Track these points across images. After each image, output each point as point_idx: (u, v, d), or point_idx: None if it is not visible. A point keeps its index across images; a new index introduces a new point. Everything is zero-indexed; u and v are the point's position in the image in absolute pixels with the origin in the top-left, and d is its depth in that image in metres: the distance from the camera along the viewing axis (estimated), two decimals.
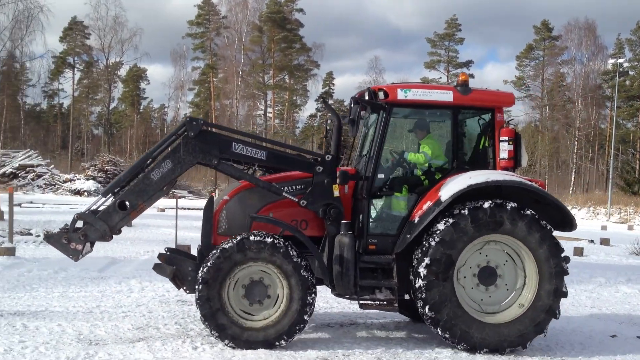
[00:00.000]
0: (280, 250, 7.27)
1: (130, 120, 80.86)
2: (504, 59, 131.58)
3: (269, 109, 74.49)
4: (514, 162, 8.05)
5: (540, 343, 8.05)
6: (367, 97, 8.10)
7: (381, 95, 7.98)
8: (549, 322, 7.58)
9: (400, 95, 7.95)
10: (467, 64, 77.40)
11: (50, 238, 7.95)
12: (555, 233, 7.64)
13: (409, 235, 7.61)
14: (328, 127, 8.35)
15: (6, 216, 18.90)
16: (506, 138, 8.02)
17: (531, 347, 7.77)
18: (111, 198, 7.91)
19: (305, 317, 7.34)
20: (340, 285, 7.61)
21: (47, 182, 47.06)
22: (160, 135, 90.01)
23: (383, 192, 8.11)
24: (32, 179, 47.07)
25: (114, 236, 7.91)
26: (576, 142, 66.07)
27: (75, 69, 78.34)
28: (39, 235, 17.23)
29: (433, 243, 7.36)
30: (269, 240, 7.30)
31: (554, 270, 7.49)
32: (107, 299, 10.02)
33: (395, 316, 9.53)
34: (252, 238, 7.30)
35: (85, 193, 45.43)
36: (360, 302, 7.78)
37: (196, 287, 7.29)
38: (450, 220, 7.38)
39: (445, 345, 7.68)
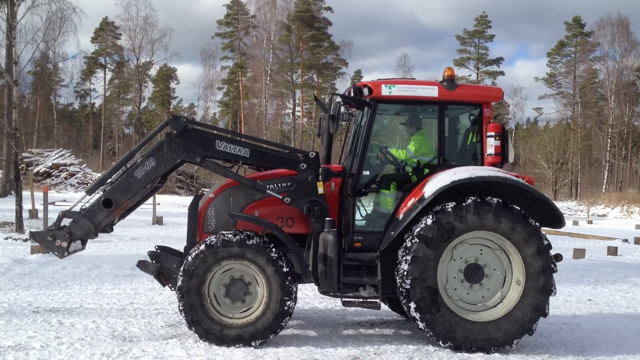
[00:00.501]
0: (260, 249, 7.27)
1: (160, 120, 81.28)
2: (534, 55, 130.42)
3: (297, 108, 74.53)
4: (501, 157, 7.92)
5: (575, 343, 7.95)
6: (352, 94, 8.08)
7: (366, 91, 7.94)
8: (536, 321, 7.41)
9: (385, 91, 7.87)
10: (497, 61, 76.59)
11: (36, 235, 8.11)
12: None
13: (392, 233, 7.56)
14: (320, 125, 8.28)
15: (41, 214, 19.25)
16: (493, 133, 7.87)
17: (564, 347, 7.68)
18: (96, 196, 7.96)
19: (281, 321, 7.28)
20: (324, 283, 7.57)
21: (80, 181, 47.67)
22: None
23: (368, 189, 8.07)
24: (65, 178, 47.73)
25: (105, 234, 8.03)
26: (609, 140, 64.92)
27: (107, 69, 79.38)
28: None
29: (415, 241, 7.29)
30: (250, 238, 7.31)
31: (541, 267, 7.32)
32: (140, 296, 10.14)
33: None
34: (235, 236, 7.31)
35: None
36: (343, 299, 7.69)
37: (178, 278, 7.33)
38: (433, 218, 7.29)
39: None
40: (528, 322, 7.35)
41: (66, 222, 7.89)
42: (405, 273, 7.27)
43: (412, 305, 7.26)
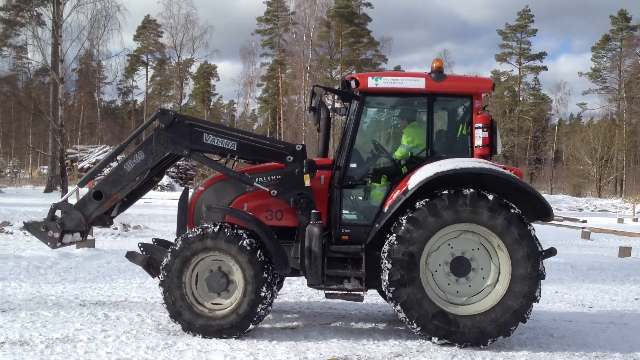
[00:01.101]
0: (232, 240, 7.28)
1: (201, 117, 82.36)
2: (578, 50, 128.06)
3: (337, 104, 74.52)
4: (490, 149, 7.77)
5: (622, 343, 7.77)
6: (340, 87, 8.05)
7: (353, 84, 7.91)
8: (528, 308, 7.21)
9: (371, 83, 7.82)
10: (540, 56, 75.39)
11: (29, 226, 8.29)
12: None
13: (377, 225, 7.52)
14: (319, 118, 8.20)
15: None
16: (480, 125, 7.72)
17: (612, 347, 7.51)
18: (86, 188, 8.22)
19: (258, 309, 7.26)
20: (310, 275, 7.54)
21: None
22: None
23: (355, 182, 8.02)
24: None
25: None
26: None
27: (149, 67, 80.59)
28: (116, 228, 17.76)
29: (395, 234, 7.22)
30: (227, 230, 7.33)
31: (527, 253, 7.13)
32: None
33: None
34: (212, 228, 7.37)
35: (159, 187, 46.58)
36: (327, 292, 7.66)
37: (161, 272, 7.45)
38: (413, 210, 7.21)
39: (528, 345, 7.51)
40: (519, 310, 7.17)
41: (59, 213, 8.12)
42: (387, 267, 7.21)
43: (394, 301, 7.24)
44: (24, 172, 66.12)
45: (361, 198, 8.08)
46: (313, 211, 7.59)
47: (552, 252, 7.66)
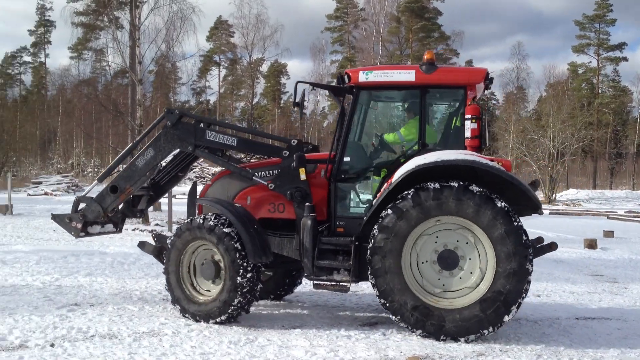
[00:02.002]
0: (214, 230, 7.67)
1: (271, 115, 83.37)
2: None
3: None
4: (479, 140, 7.56)
5: None
6: (336, 82, 8.20)
7: (346, 79, 7.99)
8: (512, 305, 7.01)
9: (362, 77, 7.90)
10: (620, 46, 72.65)
11: (56, 217, 9.06)
12: None
13: (365, 218, 7.56)
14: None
15: (164, 207, 20.16)
16: (469, 116, 7.53)
17: None
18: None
19: (237, 295, 7.56)
20: (304, 266, 7.77)
21: (198, 175, 49.60)
22: (300, 129, 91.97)
23: (349, 176, 8.04)
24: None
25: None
26: None
27: (221, 67, 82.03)
28: None
29: (378, 227, 7.22)
30: (209, 220, 7.77)
31: (512, 250, 6.95)
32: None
33: (556, 310, 9.13)
34: (199, 219, 7.87)
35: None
36: (315, 282, 7.78)
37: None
38: (396, 204, 7.18)
39: (615, 344, 7.25)
40: (502, 307, 7.01)
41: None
42: (371, 260, 7.27)
43: (377, 292, 7.29)
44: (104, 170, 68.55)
45: (354, 191, 8.13)
46: (307, 204, 7.81)
47: (552, 246, 7.77)
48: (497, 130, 62.26)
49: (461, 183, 7.06)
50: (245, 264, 7.61)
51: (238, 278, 7.57)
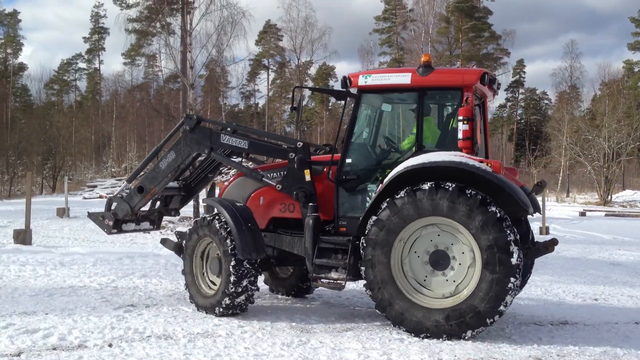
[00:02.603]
0: (211, 227, 8.23)
1: (320, 117, 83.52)
2: None
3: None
4: (471, 142, 7.52)
5: None
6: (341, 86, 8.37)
7: (348, 83, 8.21)
8: (494, 310, 7.00)
9: (361, 81, 8.11)
10: None
11: (91, 215, 9.95)
12: None
13: (360, 218, 7.69)
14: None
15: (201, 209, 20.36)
16: (461, 117, 7.53)
17: None
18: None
19: (229, 287, 7.91)
20: (307, 264, 8.06)
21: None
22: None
23: (350, 177, 8.16)
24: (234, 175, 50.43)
25: None
26: None
27: (270, 70, 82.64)
28: None
29: (369, 227, 7.43)
30: (207, 219, 8.33)
31: (496, 254, 6.92)
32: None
33: (614, 315, 8.90)
34: (203, 217, 8.49)
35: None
36: (313, 280, 8.02)
37: None
38: (385, 205, 7.34)
39: None
40: (484, 311, 7.03)
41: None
42: (362, 260, 7.48)
43: (370, 292, 7.50)
44: None
45: (355, 192, 8.22)
46: (310, 204, 8.13)
47: (553, 241, 8.03)
48: (549, 131, 61.10)
49: (432, 185, 7.16)
50: (237, 259, 7.95)
51: (231, 272, 7.94)
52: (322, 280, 7.93)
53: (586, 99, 73.38)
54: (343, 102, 8.62)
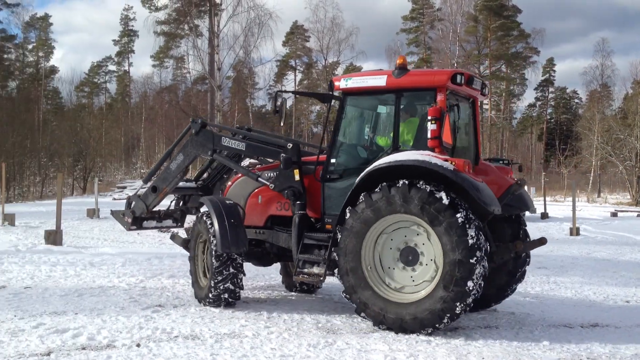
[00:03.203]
0: (200, 223, 8.95)
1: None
2: None
3: (485, 100, 72.52)
4: (439, 141, 7.60)
5: None
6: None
7: (332, 86, 8.59)
8: (461, 299, 7.09)
9: (342, 84, 8.44)
10: None
11: (113, 213, 10.86)
12: None
13: (337, 216, 8.00)
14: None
15: None
16: (430, 117, 7.69)
17: None
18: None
19: (215, 282, 8.54)
20: (294, 259, 8.49)
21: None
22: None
23: (334, 176, 8.46)
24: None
25: None
26: None
27: (297, 71, 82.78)
28: None
29: (339, 226, 7.78)
30: (199, 216, 9.08)
31: (455, 243, 7.07)
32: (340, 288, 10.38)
33: None
34: (199, 215, 9.18)
35: None
36: (295, 274, 8.38)
37: None
38: (362, 199, 7.61)
39: None
40: (451, 302, 7.14)
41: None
42: (335, 257, 7.83)
43: (344, 290, 7.82)
44: (188, 175, 70.30)
45: (340, 190, 8.37)
46: (297, 202, 8.55)
47: (542, 241, 8.36)
48: (580, 130, 60.31)
49: (384, 183, 7.47)
50: (218, 253, 8.51)
51: (214, 265, 8.52)
52: (303, 275, 8.24)
53: (617, 98, 72.36)
54: (328, 104, 8.87)
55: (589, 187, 56.45)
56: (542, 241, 8.41)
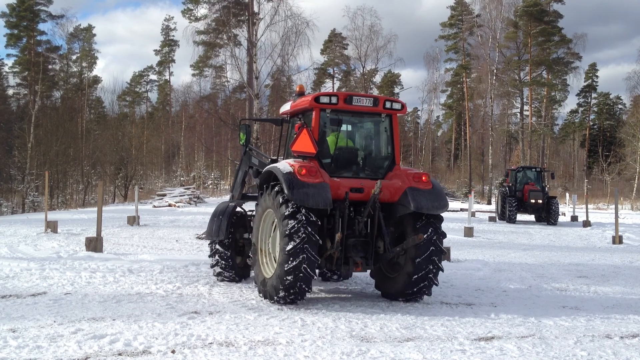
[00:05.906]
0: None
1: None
2: None
3: (526, 107, 71.42)
4: (291, 150, 10.04)
5: None
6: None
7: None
8: (295, 277, 9.06)
9: (281, 110, 11.35)
10: None
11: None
12: None
13: None
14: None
15: None
16: (295, 132, 10.06)
17: None
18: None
19: (215, 262, 11.58)
20: None
21: None
22: (414, 139, 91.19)
23: None
24: None
25: None
26: None
27: (335, 79, 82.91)
28: None
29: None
30: None
31: (286, 231, 9.00)
32: (376, 297, 10.34)
33: None
34: None
35: None
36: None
37: None
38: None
39: None
40: (288, 276, 9.09)
41: None
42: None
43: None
44: (223, 183, 71.03)
45: None
46: None
47: (418, 236, 9.32)
48: (624, 136, 59.10)
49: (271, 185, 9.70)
50: (217, 255, 11.48)
51: (210, 251, 11.68)
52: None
53: None
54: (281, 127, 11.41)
55: (633, 195, 55.20)
56: (419, 237, 9.33)
